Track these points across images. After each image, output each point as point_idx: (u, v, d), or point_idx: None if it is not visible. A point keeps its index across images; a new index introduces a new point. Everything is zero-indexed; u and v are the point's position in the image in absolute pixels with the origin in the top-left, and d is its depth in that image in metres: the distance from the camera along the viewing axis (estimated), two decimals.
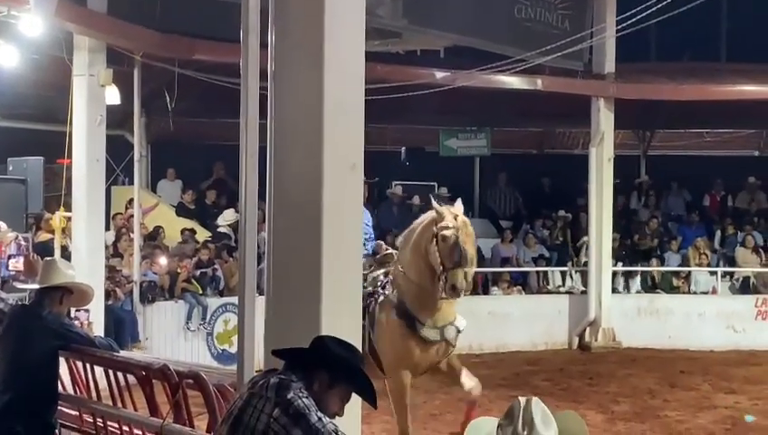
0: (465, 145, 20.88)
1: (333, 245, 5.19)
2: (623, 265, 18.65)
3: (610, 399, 13.04)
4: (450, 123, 20.71)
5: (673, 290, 18.52)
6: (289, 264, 5.28)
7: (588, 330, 17.80)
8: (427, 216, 9.02)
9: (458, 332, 8.95)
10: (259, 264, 5.61)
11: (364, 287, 8.87)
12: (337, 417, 4.16)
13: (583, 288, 18.23)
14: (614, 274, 18.31)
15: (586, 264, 18.14)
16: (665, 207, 20.77)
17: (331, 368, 4.13)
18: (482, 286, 18.29)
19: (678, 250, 19.14)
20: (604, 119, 17.90)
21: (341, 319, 5.14)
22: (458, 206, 9.05)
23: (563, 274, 18.77)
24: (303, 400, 4.01)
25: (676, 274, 18.74)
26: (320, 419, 3.99)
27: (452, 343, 8.92)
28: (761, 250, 18.74)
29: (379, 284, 9.20)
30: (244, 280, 5.33)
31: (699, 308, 17.88)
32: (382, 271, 9.34)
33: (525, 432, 3.14)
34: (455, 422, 11.75)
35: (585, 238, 18.32)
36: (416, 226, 9.13)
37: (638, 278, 18.67)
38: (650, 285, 18.71)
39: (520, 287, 18.57)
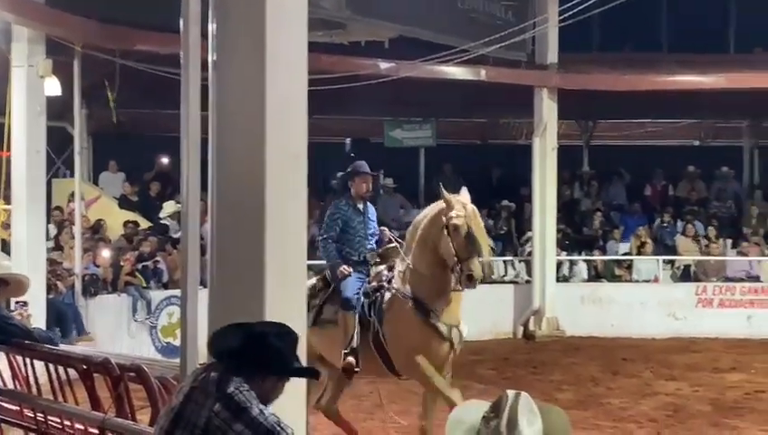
0: (411, 136, 20.90)
1: (277, 236, 5.17)
2: (567, 255, 18.80)
3: (554, 387, 13.14)
4: (395, 114, 20.72)
5: (615, 279, 18.71)
6: (232, 255, 5.25)
7: (532, 319, 17.92)
8: (434, 206, 8.77)
9: (461, 337, 8.69)
10: (203, 256, 5.57)
11: (368, 283, 8.88)
12: (283, 411, 4.14)
13: (528, 278, 18.36)
14: (558, 263, 18.45)
15: (530, 254, 18.26)
16: (607, 196, 20.96)
17: (272, 365, 4.10)
18: None
19: (620, 239, 19.33)
20: (547, 109, 18.03)
21: (286, 311, 5.12)
22: (465, 194, 8.75)
23: (507, 263, 18.88)
24: (244, 393, 3.98)
25: (619, 263, 18.94)
26: (261, 411, 3.97)
27: (455, 346, 8.66)
28: (701, 238, 18.99)
29: (384, 278, 8.88)
30: (187, 272, 5.29)
31: (641, 297, 18.08)
32: (385, 266, 9.04)
33: (505, 427, 3.10)
34: (403, 412, 11.77)
35: (529, 233, 18.42)
36: (421, 217, 8.90)
37: (582, 267, 18.83)
38: (593, 275, 18.88)
39: None
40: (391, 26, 16.06)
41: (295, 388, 4.40)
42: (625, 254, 19.07)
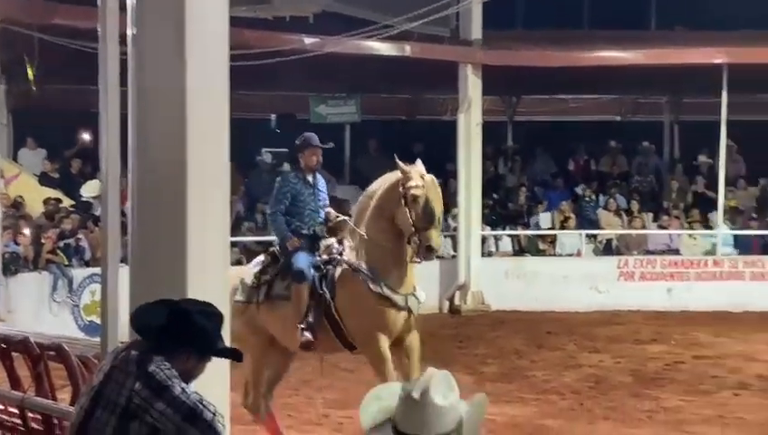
0: (336, 112, 20.84)
1: (198, 213, 5.13)
2: (492, 230, 18.95)
3: (479, 361, 13.26)
4: (320, 90, 20.64)
5: (539, 253, 18.92)
6: (154, 233, 5.20)
7: (457, 294, 18.04)
8: (390, 177, 8.62)
9: (419, 303, 8.73)
10: (124, 234, 5.51)
11: (318, 256, 8.73)
12: (206, 391, 4.12)
13: (453, 253, 18.46)
14: (483, 238, 18.58)
15: (455, 229, 18.36)
16: (531, 172, 21.14)
17: (195, 342, 4.07)
18: None
19: (544, 214, 19.52)
20: (472, 85, 18.10)
21: (209, 288, 5.09)
22: (420, 165, 8.65)
23: None
24: (165, 371, 3.95)
25: (543, 237, 19.14)
26: (183, 390, 3.94)
27: (414, 313, 8.66)
28: (622, 213, 19.26)
29: (335, 251, 8.76)
30: (107, 250, 5.23)
31: (564, 270, 18.27)
32: (335, 239, 8.93)
33: (418, 395, 3.12)
34: (328, 387, 11.80)
35: (455, 209, 18.51)
36: (375, 188, 8.73)
37: (507, 242, 18.99)
38: (518, 249, 19.06)
39: None
40: (316, 1, 15.97)
41: (219, 367, 4.38)
42: (548, 228, 19.27)
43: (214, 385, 4.33)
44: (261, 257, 9.11)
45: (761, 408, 10.53)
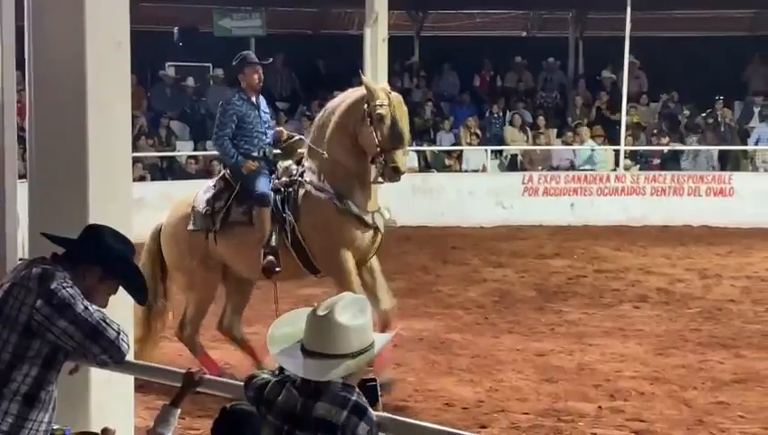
0: (240, 25, 20.50)
1: (99, 127, 5.00)
2: None
3: (386, 277, 13.17)
4: (224, 2, 20.25)
5: (445, 169, 19.00)
6: (53, 148, 5.06)
7: None
8: (352, 93, 8.16)
9: (384, 221, 8.28)
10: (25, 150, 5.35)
11: (277, 178, 8.26)
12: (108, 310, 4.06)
13: None
14: None
15: None
16: (437, 87, 21.12)
17: (103, 261, 3.99)
18: None
19: (450, 130, 19.57)
20: None
21: (110, 205, 4.98)
22: (385, 83, 8.24)
23: None
24: (68, 290, 3.87)
25: (449, 153, 19.21)
26: (86, 308, 3.87)
27: (380, 230, 8.21)
28: (528, 128, 19.40)
29: (294, 172, 8.29)
30: (5, 166, 5.08)
31: (470, 186, 18.39)
32: (292, 159, 8.42)
33: (323, 312, 3.12)
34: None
35: None
36: (336, 104, 8.24)
37: (413, 157, 19.01)
38: (424, 165, 19.11)
39: None
40: None
41: (122, 299, 4.30)
42: (454, 144, 19.34)
43: (117, 306, 4.25)
44: (211, 182, 8.61)
45: (659, 320, 10.80)
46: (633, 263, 14.23)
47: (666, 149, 19.07)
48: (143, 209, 16.03)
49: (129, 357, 4.15)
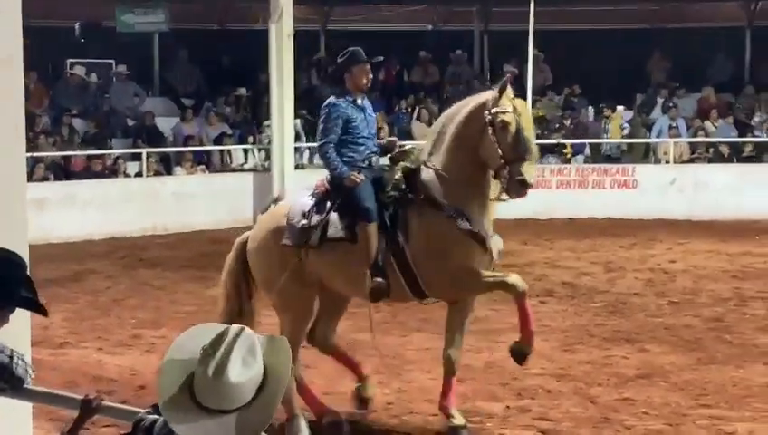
0: (143, 20, 20.21)
1: None
2: (307, 142, 18.87)
3: None
4: None
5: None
6: None
7: (272, 207, 17.85)
8: (471, 100, 7.39)
9: (500, 247, 7.45)
10: None
11: (385, 192, 7.37)
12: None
13: (266, 165, 18.33)
14: (298, 150, 18.51)
15: (270, 142, 18.20)
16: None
17: None
18: (164, 166, 18.04)
19: None
20: None
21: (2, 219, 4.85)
22: (506, 85, 7.33)
23: (246, 152, 18.76)
24: None
25: None
26: None
27: (495, 259, 7.39)
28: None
29: (403, 186, 7.38)
30: None
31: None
32: (400, 171, 7.46)
33: (212, 373, 2.94)
34: (140, 307, 11.63)
35: (268, 121, 18.34)
36: (454, 112, 7.44)
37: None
38: None
39: (203, 166, 18.44)
40: None
41: (19, 320, 4.15)
42: None
43: (11, 322, 4.09)
44: (308, 192, 7.69)
45: (565, 315, 10.93)
46: (539, 257, 14.39)
47: (571, 142, 19.33)
48: (46, 210, 15.84)
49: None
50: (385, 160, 7.69)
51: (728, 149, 19.18)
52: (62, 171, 17.39)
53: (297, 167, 18.37)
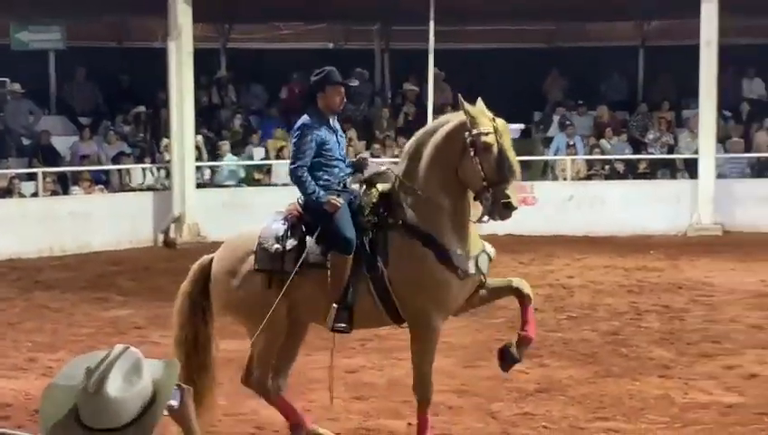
0: (39, 38, 19.92)
1: None
2: (208, 160, 18.74)
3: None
4: (21, 14, 19.58)
5: (255, 183, 18.89)
6: None
7: (173, 226, 17.76)
8: (448, 120, 7.21)
9: (490, 259, 7.25)
10: None
11: (363, 216, 7.19)
12: None
13: (166, 184, 18.15)
14: (199, 169, 18.37)
15: (169, 160, 18.03)
16: (245, 100, 21.00)
17: None
18: (61, 186, 17.75)
19: (259, 143, 19.50)
20: (181, 11, 17.63)
21: None
22: (481, 104, 7.18)
23: (146, 170, 18.56)
24: None
25: (258, 167, 19.12)
26: None
27: (484, 274, 7.21)
28: None
29: (382, 211, 7.19)
30: None
31: (281, 199, 18.06)
32: (376, 194, 7.25)
33: (93, 388, 2.89)
34: (37, 330, 11.40)
35: (166, 140, 18.17)
36: (429, 131, 7.23)
37: (223, 173, 18.86)
38: (240, 180, 18.97)
39: (102, 186, 18.19)
40: None
41: None
42: (263, 159, 19.27)
43: None
44: (278, 216, 7.51)
45: (466, 331, 11.00)
46: None
47: None
48: None
49: None
50: (355, 179, 7.45)
51: (623, 166, 19.60)
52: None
53: (199, 186, 18.23)
